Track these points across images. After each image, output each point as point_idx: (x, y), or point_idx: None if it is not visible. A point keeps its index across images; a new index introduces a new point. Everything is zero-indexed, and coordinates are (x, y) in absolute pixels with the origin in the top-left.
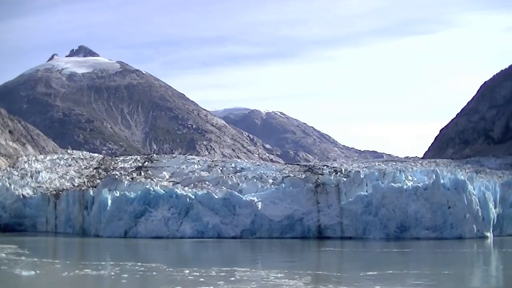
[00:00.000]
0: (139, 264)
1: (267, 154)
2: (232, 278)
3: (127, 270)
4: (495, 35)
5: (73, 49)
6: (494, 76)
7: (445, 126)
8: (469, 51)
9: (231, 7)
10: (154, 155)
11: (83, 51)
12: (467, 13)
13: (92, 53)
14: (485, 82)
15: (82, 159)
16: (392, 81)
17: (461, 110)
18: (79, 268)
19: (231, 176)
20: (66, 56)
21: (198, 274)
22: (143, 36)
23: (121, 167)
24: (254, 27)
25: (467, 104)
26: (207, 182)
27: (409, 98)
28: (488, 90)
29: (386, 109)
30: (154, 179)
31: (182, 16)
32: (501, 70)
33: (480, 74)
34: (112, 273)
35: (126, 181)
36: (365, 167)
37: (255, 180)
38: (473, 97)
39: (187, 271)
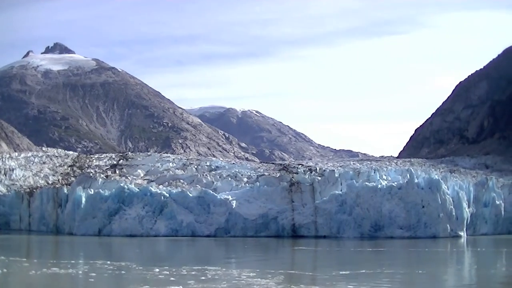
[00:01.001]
0: (108, 262)
1: (243, 153)
2: (203, 277)
3: (96, 269)
4: (468, 36)
5: (48, 46)
6: (469, 76)
7: (420, 126)
8: (443, 52)
9: (203, 6)
10: (129, 153)
11: (58, 48)
12: (439, 14)
13: (68, 51)
14: (460, 82)
15: (56, 156)
16: (367, 80)
17: (436, 110)
18: (47, 266)
19: (206, 175)
20: (42, 53)
21: (168, 273)
22: (117, 35)
23: (96, 165)
24: (226, 26)
25: (442, 104)
26: (181, 181)
27: (384, 98)
28: (463, 90)
29: (361, 109)
30: (128, 177)
31: (155, 15)
32: (476, 71)
33: (455, 75)
34: (80, 272)
35: (100, 179)
36: (340, 166)
37: (229, 179)
38: (448, 97)
39: (157, 270)
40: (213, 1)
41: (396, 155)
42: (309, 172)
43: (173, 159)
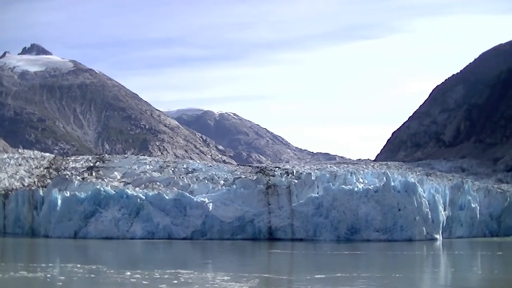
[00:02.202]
0: (78, 266)
1: (220, 155)
2: (176, 281)
3: (66, 272)
4: (444, 41)
5: (25, 47)
6: (446, 80)
7: (397, 129)
8: (418, 56)
9: (178, 9)
10: (106, 155)
11: (35, 49)
12: (413, 19)
13: (45, 52)
14: (437, 86)
15: (33, 158)
16: (343, 84)
17: (413, 114)
18: (16, 270)
19: (183, 177)
20: (18, 54)
21: (140, 276)
22: (91, 37)
23: (72, 167)
24: (201, 29)
25: (419, 108)
26: (158, 183)
27: (361, 101)
28: (440, 94)
29: (339, 112)
30: (105, 179)
31: (129, 17)
32: (453, 75)
33: (431, 79)
34: (49, 276)
35: (76, 181)
36: (317, 169)
37: (206, 181)
38: (425, 100)
39: (129, 273)
40: (188, 4)
41: (373, 158)
42: (285, 175)
43: (150, 162)
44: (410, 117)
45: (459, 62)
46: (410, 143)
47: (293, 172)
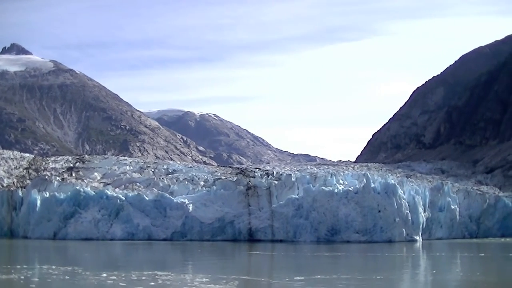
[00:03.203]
0: (53, 267)
1: (201, 156)
2: (153, 283)
3: (40, 274)
4: (423, 43)
5: (5, 47)
6: (426, 82)
7: (377, 131)
8: (398, 58)
9: (156, 11)
10: (86, 155)
11: (15, 49)
12: (390, 22)
13: (25, 52)
14: (417, 88)
15: (12, 159)
16: (323, 86)
17: (393, 115)
18: None
19: (163, 178)
20: None
21: (116, 278)
22: (70, 38)
23: (52, 168)
24: (180, 31)
25: (399, 109)
26: (138, 184)
27: (341, 103)
28: (420, 96)
29: (319, 114)
30: (84, 180)
31: (108, 18)
32: (433, 77)
33: (411, 81)
34: (22, 277)
35: (56, 182)
36: (297, 171)
37: (186, 182)
38: (406, 102)
39: (105, 275)
40: (166, 6)
41: (353, 159)
42: (266, 176)
43: (130, 162)
44: (390, 118)
45: (440, 64)
46: (390, 144)
47: (273, 173)
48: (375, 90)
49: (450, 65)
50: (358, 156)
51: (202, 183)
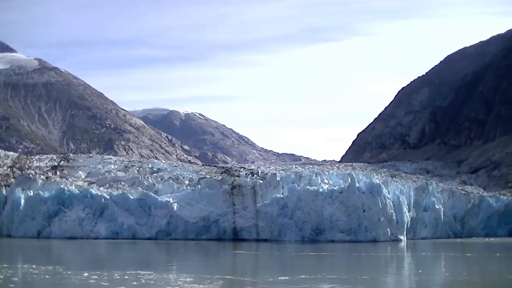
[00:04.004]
0: (34, 266)
1: (186, 155)
2: (135, 283)
3: (21, 274)
4: (407, 44)
5: None
6: (411, 82)
7: (362, 131)
8: (382, 59)
9: (138, 11)
10: (71, 154)
11: None
12: (372, 22)
13: (10, 49)
14: (402, 88)
15: None
16: (308, 86)
17: (378, 115)
18: None
19: (147, 177)
20: None
21: (98, 277)
22: (53, 36)
23: (36, 166)
24: (161, 31)
25: (384, 109)
26: (122, 183)
27: (326, 103)
28: (405, 96)
29: (304, 113)
30: (69, 179)
31: (90, 18)
32: (418, 77)
33: (395, 81)
34: (1, 277)
35: (40, 181)
36: (282, 170)
37: (171, 181)
38: (391, 102)
39: (87, 274)
40: (148, 5)
41: (338, 159)
42: (251, 175)
43: (115, 161)
44: (375, 118)
45: (425, 64)
46: (375, 144)
47: (258, 172)
48: (360, 90)
49: (435, 66)
50: (343, 155)
51: (187, 182)
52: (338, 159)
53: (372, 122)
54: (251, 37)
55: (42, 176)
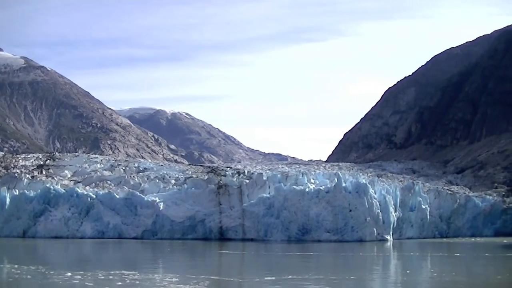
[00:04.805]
0: (16, 266)
1: (172, 155)
2: (120, 283)
3: (3, 274)
4: (392, 44)
5: None
6: (398, 82)
7: (349, 131)
8: (366, 59)
9: (122, 10)
10: (57, 153)
11: None
12: (358, 23)
13: None
14: (389, 88)
15: None
16: (294, 86)
17: (365, 115)
18: None
19: (133, 176)
20: None
21: (82, 277)
22: (37, 36)
23: (22, 165)
24: (146, 30)
25: (371, 109)
26: (108, 182)
27: (313, 103)
28: (391, 96)
29: (290, 113)
30: (55, 178)
31: (75, 17)
32: (405, 77)
33: (382, 81)
34: None
35: (26, 180)
36: (268, 170)
37: (157, 181)
38: (377, 102)
39: (70, 274)
40: (133, 5)
41: (325, 159)
42: (237, 175)
43: (101, 160)
44: (361, 118)
45: (411, 65)
46: (361, 144)
47: (244, 172)
48: (346, 90)
49: (421, 66)
50: (330, 155)
51: (173, 181)
52: (325, 159)
53: (358, 122)
54: (236, 37)
55: (27, 175)
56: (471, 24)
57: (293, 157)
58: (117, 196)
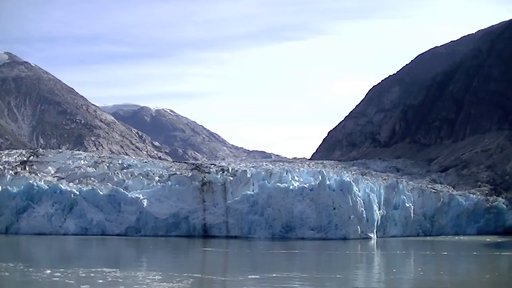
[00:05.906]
0: None
1: (156, 152)
2: (101, 281)
3: None
4: (373, 43)
5: None
6: (382, 81)
7: (333, 129)
8: (347, 57)
9: (102, 7)
10: (40, 149)
11: None
12: (337, 21)
13: None
14: (373, 87)
15: None
16: (277, 84)
17: (349, 113)
18: None
19: (117, 173)
20: None
21: (62, 275)
22: (17, 32)
23: (5, 161)
24: (126, 27)
25: (355, 108)
26: (92, 178)
27: (296, 101)
28: (376, 94)
29: (275, 111)
30: (38, 174)
31: (55, 13)
32: (389, 76)
33: (365, 79)
34: None
35: (9, 176)
36: (252, 167)
37: (141, 177)
38: (361, 100)
39: (49, 272)
40: (112, 2)
41: (309, 157)
42: (221, 172)
43: (85, 157)
44: (346, 116)
45: (395, 63)
46: (345, 142)
47: (228, 169)
48: (328, 88)
49: (406, 65)
50: (314, 153)
51: (157, 178)
52: (309, 156)
53: (342, 120)
54: (216, 35)
55: (10, 171)
56: (455, 24)
57: (277, 155)
58: (101, 193)
